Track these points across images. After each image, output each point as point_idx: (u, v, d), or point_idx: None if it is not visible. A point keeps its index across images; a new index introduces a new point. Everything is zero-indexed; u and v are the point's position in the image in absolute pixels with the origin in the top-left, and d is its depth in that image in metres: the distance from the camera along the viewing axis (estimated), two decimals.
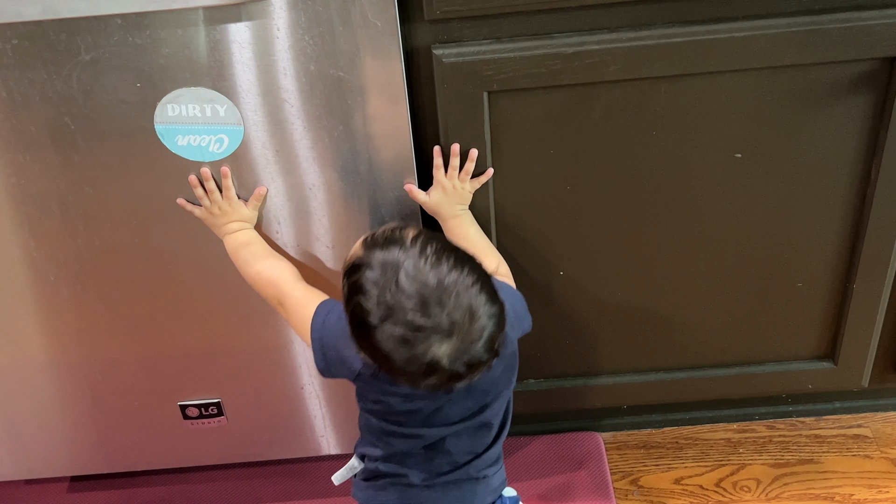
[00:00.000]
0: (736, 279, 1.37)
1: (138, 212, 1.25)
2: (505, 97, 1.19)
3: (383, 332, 0.99)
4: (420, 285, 0.98)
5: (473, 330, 0.99)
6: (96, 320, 1.36)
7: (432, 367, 0.99)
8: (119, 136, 1.18)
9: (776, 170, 1.26)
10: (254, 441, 1.50)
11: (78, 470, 1.54)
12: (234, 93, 1.14)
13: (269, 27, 1.10)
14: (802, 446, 1.59)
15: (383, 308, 0.98)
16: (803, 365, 1.46)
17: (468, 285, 0.99)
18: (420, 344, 0.98)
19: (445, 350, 0.98)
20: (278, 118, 1.17)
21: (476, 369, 1.01)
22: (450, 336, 0.98)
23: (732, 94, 1.20)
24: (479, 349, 1.00)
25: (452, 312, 0.98)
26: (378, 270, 1.00)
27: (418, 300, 0.98)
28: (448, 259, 0.99)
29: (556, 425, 1.62)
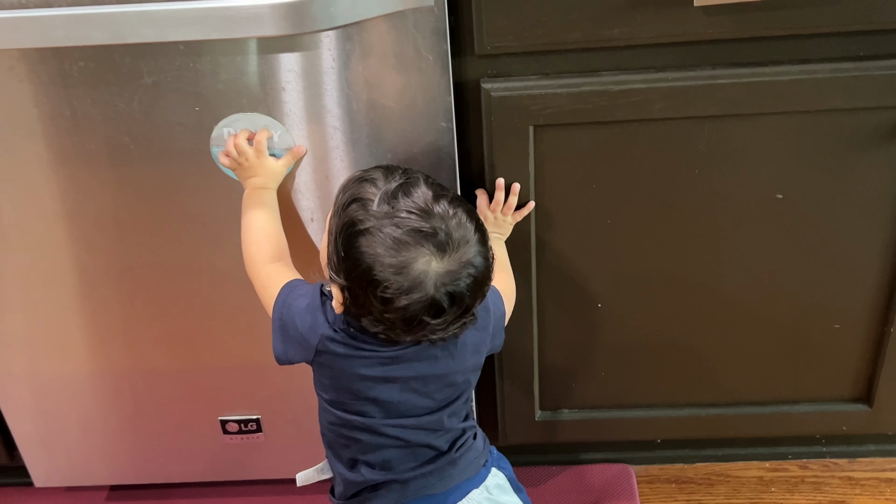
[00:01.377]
0: (773, 318, 1.38)
1: (189, 229, 1.29)
2: (550, 131, 1.21)
3: (376, 236, 0.99)
4: (424, 201, 1.00)
5: (464, 258, 0.99)
6: (143, 333, 1.39)
7: (417, 283, 0.98)
8: (175, 156, 1.22)
9: (817, 211, 1.27)
10: (290, 458, 1.52)
11: (117, 479, 1.58)
12: (288, 119, 1.18)
13: (324, 57, 1.13)
14: (835, 488, 1.58)
15: (382, 212, 0.99)
16: (838, 406, 1.46)
17: (467, 221, 1.01)
18: (412, 249, 0.98)
19: (435, 267, 0.98)
20: (329, 145, 1.20)
21: (456, 308, 1.01)
22: (442, 252, 0.98)
23: (775, 136, 1.21)
24: (464, 283, 1.00)
25: (451, 230, 0.99)
26: (382, 184, 1.02)
27: (420, 209, 0.99)
28: (454, 197, 1.03)
29: (589, 456, 1.63)
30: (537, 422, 1.50)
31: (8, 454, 1.56)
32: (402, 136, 1.19)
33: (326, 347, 1.09)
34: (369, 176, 1.05)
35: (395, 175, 1.04)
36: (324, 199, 1.25)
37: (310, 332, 1.09)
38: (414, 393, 1.10)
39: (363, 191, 1.03)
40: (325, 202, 1.25)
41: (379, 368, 1.08)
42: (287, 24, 1.06)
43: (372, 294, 1.01)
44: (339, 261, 1.03)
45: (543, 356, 1.43)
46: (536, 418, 1.49)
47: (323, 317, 1.09)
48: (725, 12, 1.11)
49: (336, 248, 1.03)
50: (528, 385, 1.45)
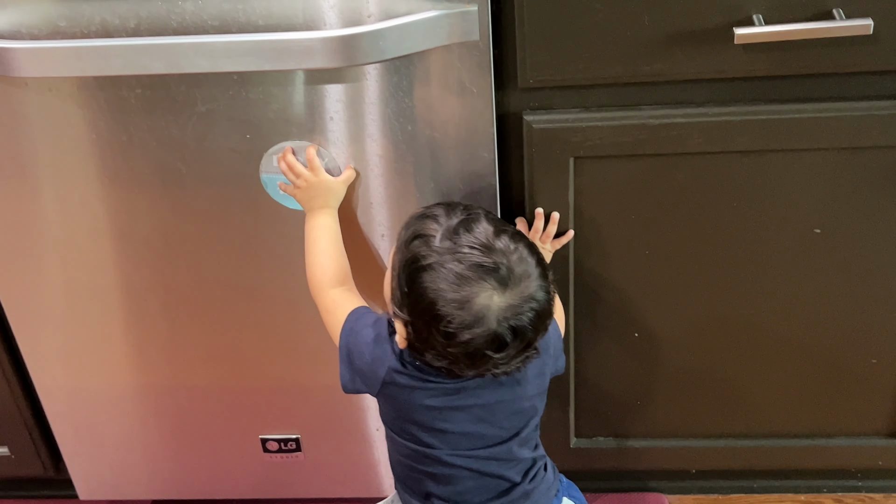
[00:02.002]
0: (810, 351, 1.38)
1: (235, 251, 1.33)
2: (590, 163, 1.24)
3: (438, 272, 1.00)
4: (486, 237, 1.01)
5: (526, 293, 1.00)
6: (188, 350, 1.43)
7: (479, 318, 0.99)
8: (225, 181, 1.25)
9: (854, 247, 1.28)
10: (328, 478, 1.55)
11: (159, 494, 1.61)
12: (334, 147, 1.21)
13: (372, 88, 1.17)
14: None
15: (444, 248, 1.01)
16: (875, 441, 1.46)
17: (528, 255, 1.02)
18: (474, 284, 0.99)
19: (497, 301, 0.99)
20: (375, 173, 1.23)
21: (519, 342, 1.01)
22: (504, 287, 0.99)
23: (814, 172, 1.23)
24: (527, 317, 1.00)
25: (512, 265, 1.00)
26: (444, 221, 1.03)
27: (482, 244, 1.00)
28: (514, 232, 1.04)
29: (623, 484, 1.63)
30: (573, 449, 1.51)
31: (54, 467, 1.60)
32: (445, 166, 1.22)
33: (393, 380, 1.10)
34: (431, 212, 1.07)
35: (457, 211, 1.06)
36: (368, 226, 1.28)
37: (377, 365, 1.10)
38: (481, 422, 1.10)
39: (425, 227, 1.05)
40: (370, 228, 1.28)
41: (444, 398, 1.09)
42: (337, 56, 1.09)
43: (435, 329, 1.02)
44: (403, 296, 1.04)
45: (580, 384, 1.44)
46: (572, 445, 1.51)
47: (391, 348, 1.10)
48: (765, 50, 1.13)
49: (399, 283, 1.05)
50: (565, 412, 1.47)
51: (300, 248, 1.31)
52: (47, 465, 1.59)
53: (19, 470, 1.59)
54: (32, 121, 1.22)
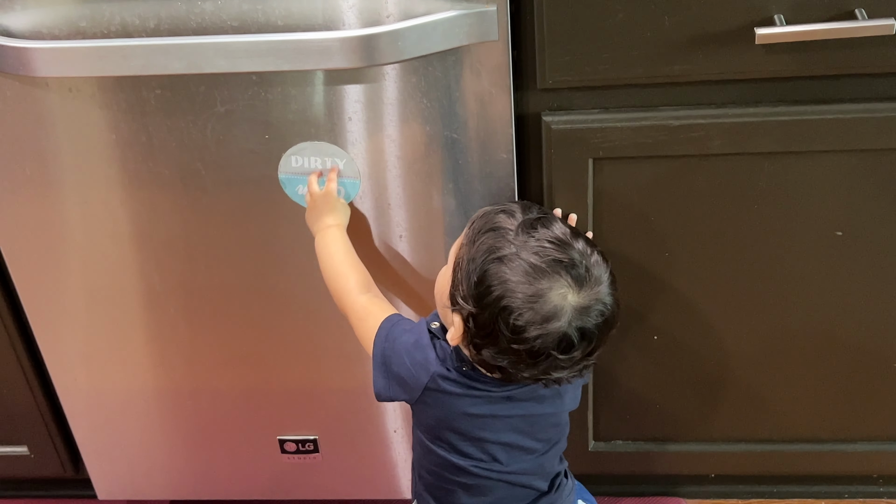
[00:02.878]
0: (831, 355, 1.37)
1: (255, 253, 1.33)
2: (609, 164, 1.23)
3: (514, 262, 0.97)
4: (563, 234, 0.99)
5: (598, 296, 0.98)
6: (207, 352, 1.43)
7: (551, 315, 0.96)
8: (245, 182, 1.26)
9: (876, 250, 1.27)
10: (345, 479, 1.55)
11: (178, 494, 1.62)
12: (354, 148, 1.21)
13: (391, 89, 1.17)
14: None
15: (521, 241, 0.98)
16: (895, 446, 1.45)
17: (602, 261, 1.02)
18: (550, 278, 0.96)
19: (571, 300, 0.97)
20: (393, 173, 1.23)
21: (585, 345, 0.99)
22: (579, 286, 0.97)
23: (836, 174, 1.21)
24: (594, 321, 0.98)
25: (590, 266, 0.98)
26: (520, 216, 1.01)
27: (561, 241, 0.99)
28: (589, 239, 1.04)
29: (642, 488, 1.63)
30: (591, 452, 1.50)
31: (73, 467, 1.61)
32: (464, 167, 1.22)
33: (438, 385, 1.08)
34: (507, 208, 1.05)
35: (532, 209, 1.05)
36: (386, 227, 1.28)
37: (419, 370, 1.08)
38: (520, 434, 1.09)
39: (500, 221, 1.03)
40: (388, 230, 1.28)
41: (487, 407, 1.07)
42: (356, 56, 1.09)
43: (503, 321, 0.98)
44: (470, 286, 1.01)
45: (598, 387, 1.43)
46: (590, 449, 1.50)
47: (434, 354, 1.09)
48: (787, 50, 1.12)
49: (468, 273, 1.01)
50: (583, 415, 1.46)
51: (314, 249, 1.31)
52: (66, 464, 1.60)
53: (38, 470, 1.60)
54: (54, 122, 1.23)
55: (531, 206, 1.07)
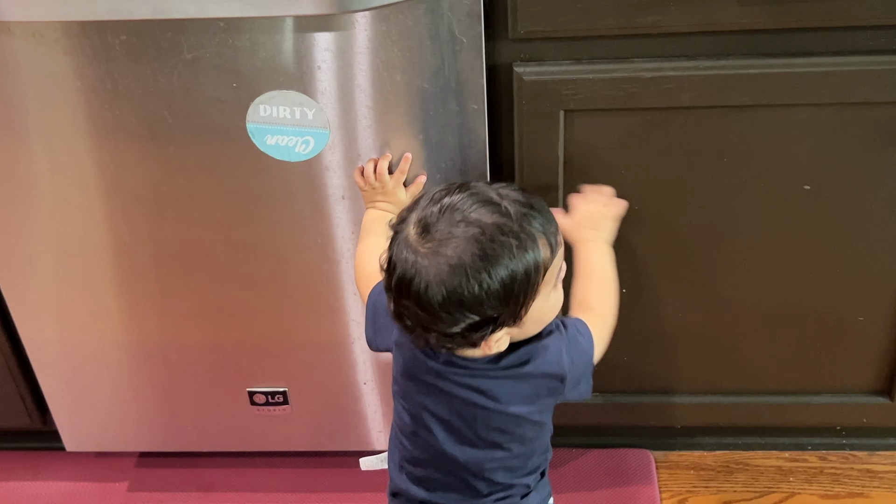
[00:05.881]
0: (797, 308, 1.39)
1: (223, 205, 1.32)
2: (581, 116, 1.23)
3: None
4: (442, 196, 0.97)
5: (441, 260, 0.93)
6: (176, 305, 1.43)
7: (393, 266, 0.96)
8: (213, 132, 1.24)
9: (844, 204, 1.28)
10: (315, 431, 1.56)
11: (147, 446, 1.62)
12: (323, 97, 1.20)
13: (360, 37, 1.15)
14: (854, 479, 1.59)
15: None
16: (859, 398, 1.47)
17: (472, 236, 0.93)
18: (399, 239, 0.96)
19: (411, 251, 0.95)
20: (362, 124, 1.22)
21: (422, 312, 0.94)
22: (422, 238, 0.94)
23: (805, 127, 1.22)
24: (436, 291, 0.93)
25: (441, 229, 0.94)
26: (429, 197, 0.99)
27: (434, 199, 0.97)
28: (482, 209, 0.95)
29: (609, 440, 1.65)
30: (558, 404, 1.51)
31: (41, 418, 1.60)
32: (434, 117, 1.21)
33: (399, 340, 1.09)
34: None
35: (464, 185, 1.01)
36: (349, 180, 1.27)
37: (393, 324, 1.07)
38: (459, 418, 1.06)
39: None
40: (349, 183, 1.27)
41: (431, 377, 1.05)
42: (325, 3, 1.08)
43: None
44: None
45: None
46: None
47: None
48: (759, 3, 1.12)
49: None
50: None
51: (288, 200, 1.30)
52: (34, 416, 1.59)
53: (5, 421, 1.59)
54: (18, 68, 1.20)
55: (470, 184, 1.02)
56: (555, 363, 1.05)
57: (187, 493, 1.61)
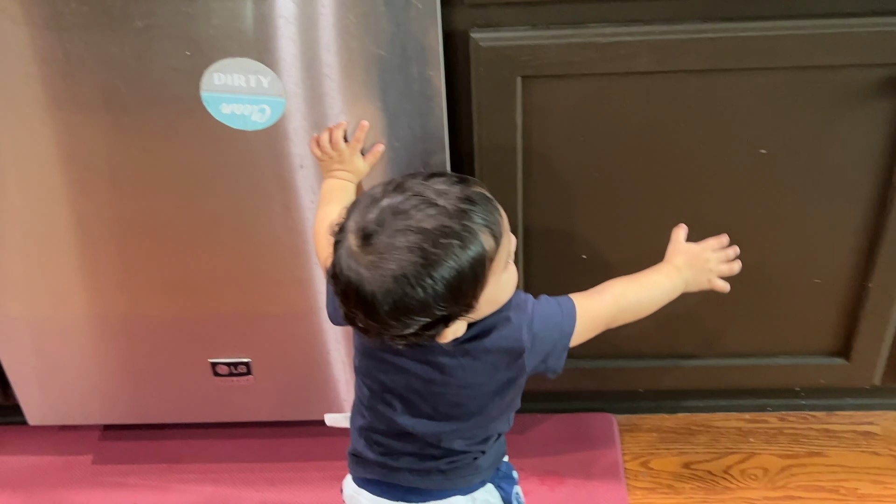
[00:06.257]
0: (755, 272, 1.39)
1: (182, 175, 1.31)
2: (538, 82, 1.23)
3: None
4: (382, 196, 0.95)
5: (384, 273, 0.92)
6: (137, 277, 1.42)
7: (337, 275, 0.96)
8: (167, 101, 1.23)
9: (800, 167, 1.29)
10: (279, 401, 1.56)
11: (111, 419, 1.61)
12: (278, 65, 1.19)
13: (314, 4, 1.14)
14: (812, 439, 1.62)
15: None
16: (816, 360, 1.49)
17: (413, 244, 0.92)
18: (341, 248, 0.96)
19: (352, 252, 0.94)
20: (319, 91, 1.21)
21: (371, 321, 0.95)
22: (363, 245, 0.94)
23: (760, 91, 1.22)
24: (382, 302, 0.92)
25: (382, 236, 0.93)
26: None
27: (373, 198, 0.96)
28: (421, 212, 0.93)
29: (572, 405, 1.66)
30: None
31: (3, 393, 1.59)
32: (391, 84, 1.21)
33: None
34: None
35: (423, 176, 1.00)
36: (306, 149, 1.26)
37: None
38: (417, 394, 1.07)
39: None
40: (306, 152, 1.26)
41: (389, 354, 1.05)
42: None
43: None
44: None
45: None
46: None
47: None
48: None
49: None
50: None
51: (247, 170, 1.29)
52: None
53: None
54: None
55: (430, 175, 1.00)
56: (513, 338, 1.04)
57: (152, 465, 1.61)
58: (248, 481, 1.58)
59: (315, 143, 1.23)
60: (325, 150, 1.22)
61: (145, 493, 1.57)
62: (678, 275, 1.17)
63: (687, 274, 1.18)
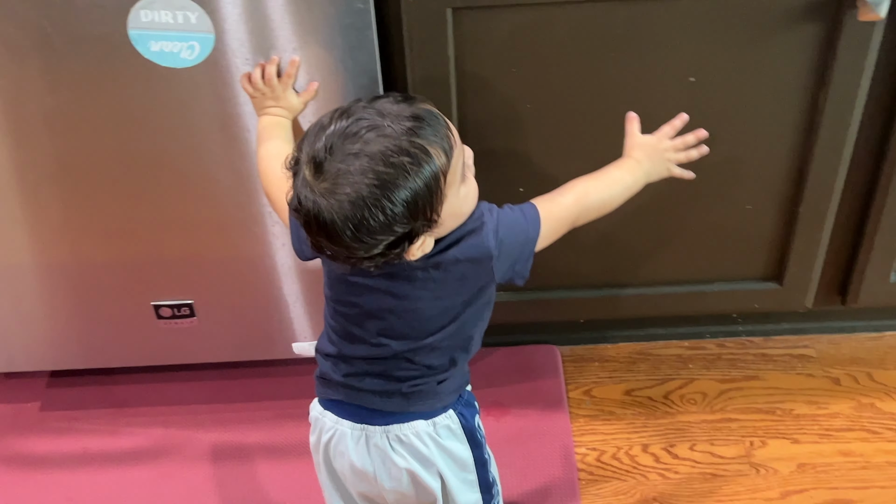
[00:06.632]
0: (688, 199, 1.42)
1: (117, 117, 1.30)
2: (468, 14, 1.23)
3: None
4: (339, 117, 0.96)
5: (340, 198, 0.94)
6: (77, 223, 1.41)
7: (298, 205, 0.97)
8: (95, 40, 1.21)
9: (728, 94, 1.31)
10: (224, 342, 1.57)
11: (57, 365, 1.61)
12: (206, 1, 1.18)
13: None
14: (749, 364, 1.66)
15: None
16: (750, 285, 1.53)
17: (365, 167, 0.93)
18: (298, 179, 0.97)
19: (308, 195, 0.96)
20: (248, 27, 1.21)
21: (336, 246, 0.96)
22: (316, 171, 0.95)
23: (688, 20, 1.24)
24: (342, 227, 0.94)
25: (334, 161, 0.94)
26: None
27: (332, 119, 0.96)
28: (369, 134, 0.94)
29: (517, 338, 1.69)
30: None
31: None
32: (321, 20, 1.20)
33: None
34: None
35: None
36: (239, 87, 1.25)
37: None
38: (392, 314, 1.08)
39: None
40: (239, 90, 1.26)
41: (360, 277, 1.06)
42: None
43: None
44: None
45: None
46: None
47: None
48: None
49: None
50: None
51: (182, 110, 1.29)
52: None
53: None
54: None
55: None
56: (480, 246, 1.06)
57: (101, 410, 1.62)
58: (197, 423, 1.60)
59: (246, 79, 1.23)
60: (256, 85, 1.22)
61: (95, 437, 1.58)
62: (638, 168, 1.20)
63: (647, 166, 1.20)
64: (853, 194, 1.43)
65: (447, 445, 1.14)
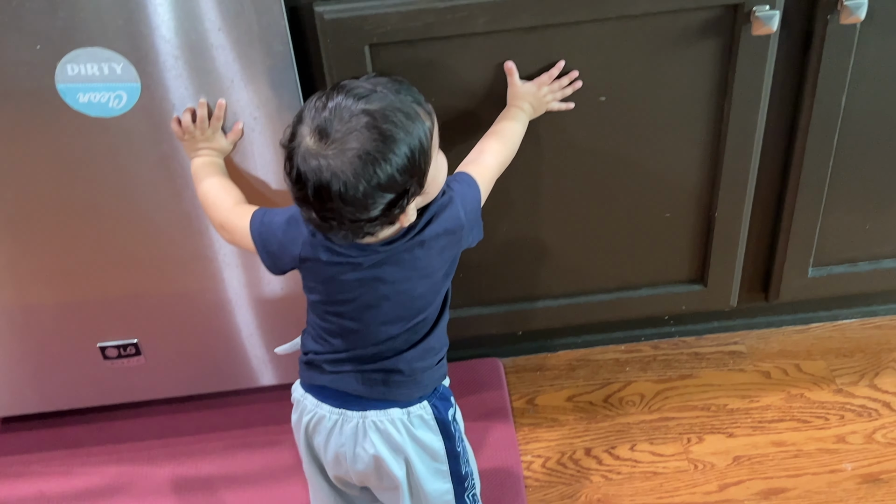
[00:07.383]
0: (610, 212, 1.49)
1: (53, 167, 1.33)
2: (385, 49, 1.28)
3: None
4: (333, 93, 1.05)
5: (350, 155, 1.02)
6: (16, 268, 1.44)
7: (293, 149, 1.05)
8: (24, 95, 1.25)
9: (638, 111, 1.37)
10: (173, 378, 1.60)
11: (8, 411, 1.63)
12: (130, 51, 1.22)
13: None
14: (683, 363, 1.73)
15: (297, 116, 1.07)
16: (676, 288, 1.59)
17: (367, 123, 1.03)
18: (298, 153, 1.04)
19: (307, 141, 1.04)
20: (173, 74, 1.25)
21: (348, 207, 1.04)
22: (319, 135, 1.03)
23: (593, 42, 1.30)
24: (355, 183, 1.03)
25: (337, 125, 1.03)
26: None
27: (327, 96, 1.05)
28: (364, 99, 1.04)
29: (460, 353, 1.74)
30: None
31: None
32: (242, 61, 1.25)
33: (310, 254, 1.14)
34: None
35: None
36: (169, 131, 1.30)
37: (292, 242, 1.15)
38: (386, 300, 1.15)
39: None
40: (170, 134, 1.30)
41: (349, 270, 1.13)
42: None
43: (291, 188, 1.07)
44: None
45: None
46: None
47: (307, 228, 1.14)
48: None
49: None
50: None
51: (115, 156, 1.32)
52: None
53: None
54: None
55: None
56: (454, 217, 1.16)
57: (54, 452, 1.64)
58: (150, 458, 1.62)
59: (177, 122, 1.27)
60: (187, 129, 1.27)
61: (50, 479, 1.60)
62: (524, 114, 1.32)
63: (529, 110, 1.32)
64: (766, 196, 1.50)
65: (418, 435, 1.21)
